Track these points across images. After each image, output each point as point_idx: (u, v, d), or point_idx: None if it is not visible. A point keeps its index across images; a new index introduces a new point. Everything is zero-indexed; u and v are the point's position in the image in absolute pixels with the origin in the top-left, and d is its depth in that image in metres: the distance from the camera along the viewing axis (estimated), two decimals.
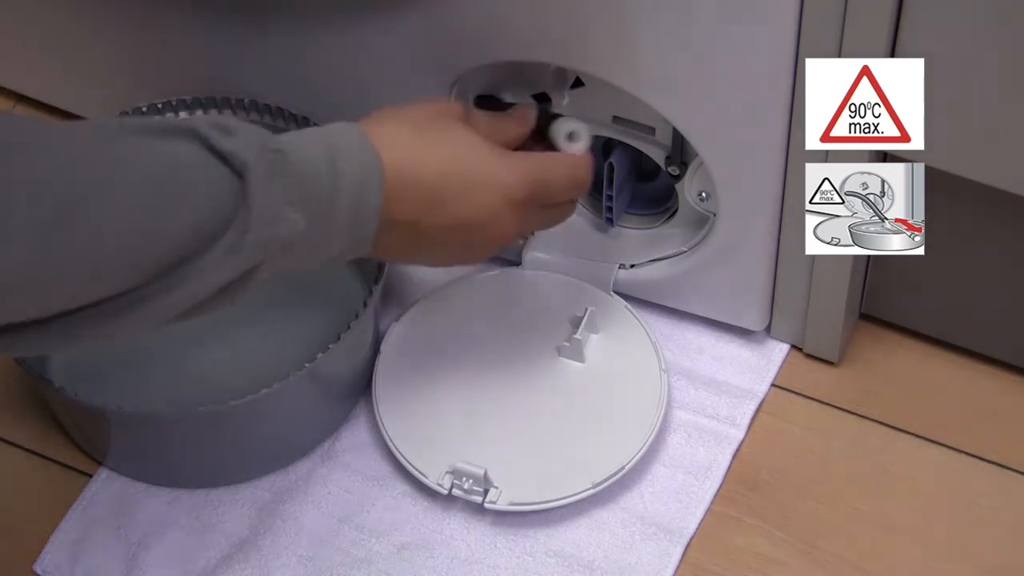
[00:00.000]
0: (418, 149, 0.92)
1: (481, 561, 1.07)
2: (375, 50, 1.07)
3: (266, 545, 1.08)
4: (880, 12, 0.90)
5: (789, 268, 1.09)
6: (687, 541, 1.07)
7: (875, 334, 1.16)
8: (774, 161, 1.01)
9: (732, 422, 1.12)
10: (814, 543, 1.07)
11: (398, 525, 1.09)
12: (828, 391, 1.14)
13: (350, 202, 0.87)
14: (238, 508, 1.10)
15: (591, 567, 1.06)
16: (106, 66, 1.23)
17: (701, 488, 1.09)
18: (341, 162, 0.87)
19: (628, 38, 0.98)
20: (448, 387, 1.12)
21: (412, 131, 0.93)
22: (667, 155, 1.09)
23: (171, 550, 1.09)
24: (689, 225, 1.13)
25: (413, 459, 1.09)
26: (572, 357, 1.13)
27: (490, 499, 1.07)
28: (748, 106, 0.99)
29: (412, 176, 0.91)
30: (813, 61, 0.92)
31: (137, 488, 1.12)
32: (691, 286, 1.14)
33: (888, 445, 1.11)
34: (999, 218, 1.03)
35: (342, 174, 0.87)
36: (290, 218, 0.83)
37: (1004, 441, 1.10)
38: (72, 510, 1.11)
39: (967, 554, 1.06)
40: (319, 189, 0.85)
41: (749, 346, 1.15)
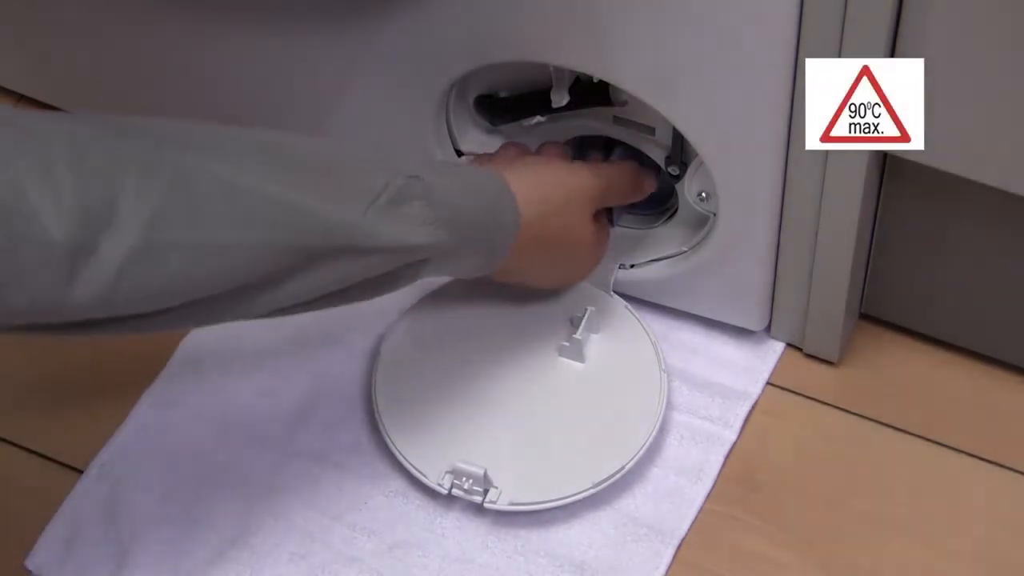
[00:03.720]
0: (546, 216, 1.02)
1: (472, 560, 1.07)
2: (373, 52, 1.07)
3: (257, 543, 1.09)
4: (880, 12, 0.90)
5: (789, 268, 1.09)
6: (678, 542, 1.07)
7: (875, 334, 1.16)
8: (774, 161, 1.01)
9: (726, 423, 1.12)
10: (814, 543, 1.07)
11: (390, 523, 1.09)
12: (828, 391, 1.14)
13: (489, 236, 0.98)
14: (229, 505, 1.10)
15: (582, 567, 1.06)
16: (106, 66, 1.23)
17: (693, 489, 1.09)
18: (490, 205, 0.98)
19: (628, 38, 0.98)
20: (448, 387, 1.12)
21: (540, 197, 1.02)
22: (667, 155, 1.09)
23: (162, 547, 1.09)
24: (689, 225, 1.13)
25: (413, 459, 1.09)
26: (572, 357, 1.13)
27: (490, 499, 1.07)
28: (748, 106, 0.99)
29: (535, 239, 1.01)
30: (813, 61, 0.92)
31: (128, 485, 1.12)
32: (691, 286, 1.14)
33: (888, 445, 1.11)
34: (1000, 218, 1.03)
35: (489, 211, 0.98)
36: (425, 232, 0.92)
37: (1004, 441, 1.10)
38: (64, 507, 1.11)
39: (966, 554, 1.06)
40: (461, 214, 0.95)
41: (744, 347, 1.15)
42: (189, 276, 0.82)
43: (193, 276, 0.82)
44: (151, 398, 1.16)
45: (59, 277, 0.76)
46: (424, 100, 1.09)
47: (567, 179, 1.05)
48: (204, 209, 0.82)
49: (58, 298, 0.77)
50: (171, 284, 0.81)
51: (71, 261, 0.76)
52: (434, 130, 1.11)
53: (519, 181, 1.00)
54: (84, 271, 0.77)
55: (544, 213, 1.02)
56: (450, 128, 1.13)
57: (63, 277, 0.76)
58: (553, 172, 1.05)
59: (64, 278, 0.76)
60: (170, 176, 0.81)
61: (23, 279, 0.75)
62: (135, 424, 1.15)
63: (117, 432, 1.15)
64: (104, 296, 0.78)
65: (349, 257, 0.89)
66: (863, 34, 0.91)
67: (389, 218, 0.90)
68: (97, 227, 0.77)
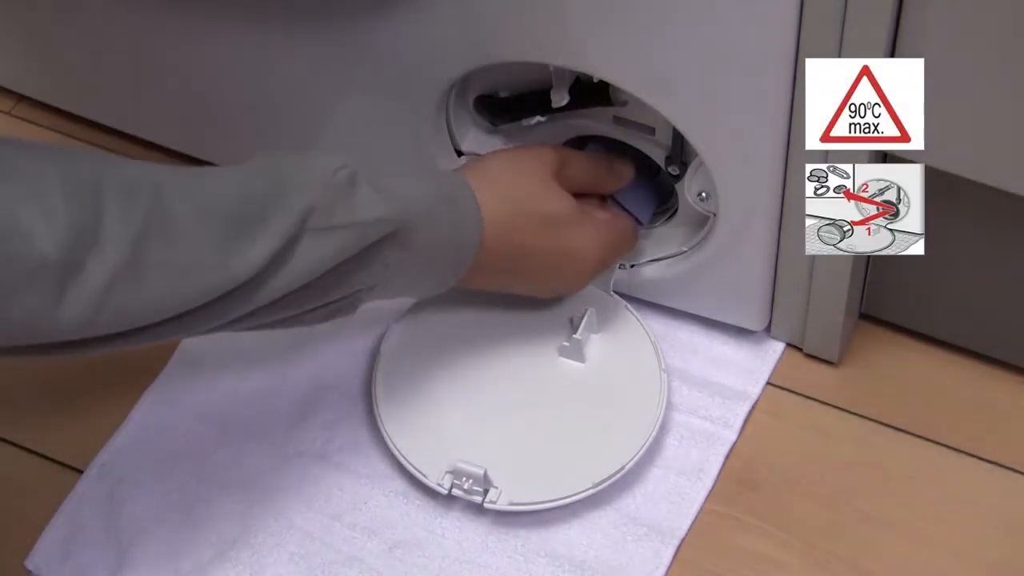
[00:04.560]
0: (516, 223, 1.02)
1: (472, 560, 1.07)
2: (373, 52, 1.07)
3: (257, 543, 1.09)
4: (880, 12, 0.90)
5: (789, 268, 1.09)
6: (678, 542, 1.07)
7: (875, 334, 1.16)
8: (774, 161, 1.01)
9: (725, 423, 1.12)
10: (814, 543, 1.07)
11: (390, 523, 1.09)
12: (828, 391, 1.14)
13: (447, 253, 0.98)
14: (229, 505, 1.10)
15: (582, 567, 1.06)
16: (106, 66, 1.23)
17: (693, 489, 1.09)
18: (449, 216, 0.98)
19: (628, 38, 0.98)
20: (448, 387, 1.12)
21: (512, 204, 1.02)
22: (667, 155, 1.09)
23: (162, 547, 1.09)
24: (689, 225, 1.13)
25: (413, 459, 1.09)
26: (572, 357, 1.13)
27: (490, 499, 1.07)
28: (748, 107, 0.99)
29: (505, 247, 1.02)
30: (813, 61, 0.92)
31: (128, 485, 1.12)
32: (691, 286, 1.14)
33: (888, 445, 1.11)
34: (999, 218, 1.03)
35: (449, 225, 0.98)
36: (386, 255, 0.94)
37: (1004, 441, 1.10)
38: (63, 506, 1.11)
39: (966, 554, 1.06)
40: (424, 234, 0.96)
41: (743, 347, 1.15)
42: (173, 292, 0.85)
43: (178, 292, 0.85)
44: (151, 398, 1.16)
45: (50, 294, 0.80)
46: (424, 100, 1.09)
47: (517, 153, 1.06)
48: (186, 224, 0.85)
49: (49, 314, 0.80)
50: (155, 301, 0.85)
51: (61, 278, 0.80)
52: (434, 130, 1.11)
53: (470, 170, 1.03)
54: (72, 288, 0.81)
55: (500, 180, 1.02)
56: (450, 128, 1.13)
57: (54, 294, 0.80)
58: (500, 155, 1.07)
59: (55, 295, 0.80)
60: (151, 197, 0.84)
61: (18, 294, 0.79)
62: (135, 424, 1.15)
63: (117, 432, 1.15)
64: (90, 314, 0.82)
65: (323, 238, 0.90)
66: (863, 34, 0.91)
67: (350, 196, 0.92)
68: (84, 247, 0.81)
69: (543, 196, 1.04)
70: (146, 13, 1.15)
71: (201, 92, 1.19)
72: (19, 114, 1.34)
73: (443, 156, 1.13)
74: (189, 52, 1.16)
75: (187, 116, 1.24)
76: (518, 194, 1.02)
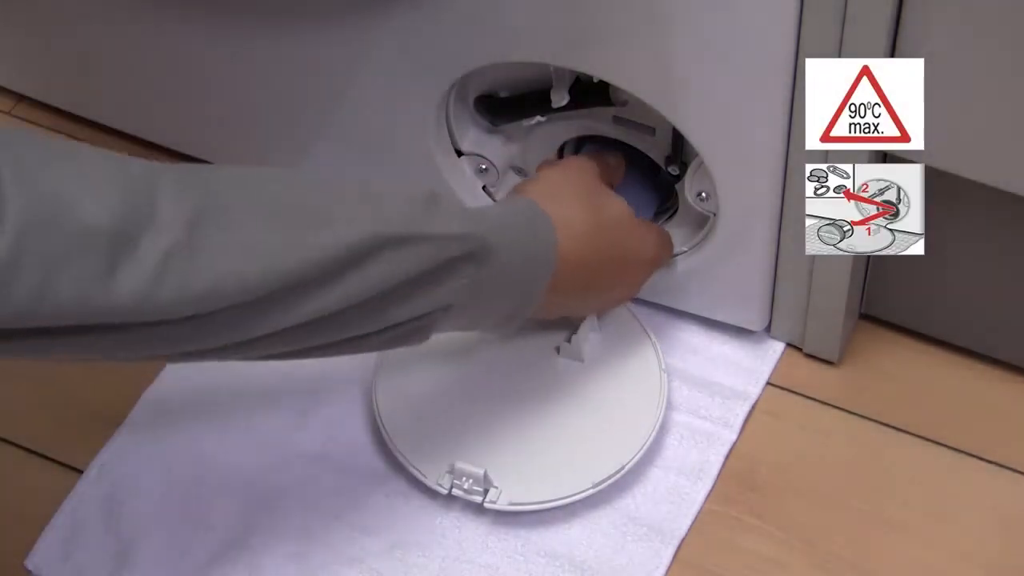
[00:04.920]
0: (589, 236, 1.01)
1: (473, 560, 1.07)
2: (373, 52, 1.07)
3: (257, 543, 1.08)
4: (880, 12, 0.90)
5: (789, 268, 1.09)
6: (678, 542, 1.07)
7: (875, 334, 1.16)
8: (774, 161, 1.01)
9: (725, 423, 1.12)
10: (814, 543, 1.07)
11: (391, 523, 1.09)
12: (828, 391, 1.14)
13: (526, 272, 0.97)
14: (229, 505, 1.10)
15: (582, 567, 1.06)
16: (106, 66, 1.23)
17: (693, 489, 1.09)
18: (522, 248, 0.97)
19: (628, 38, 0.98)
20: (448, 387, 1.12)
21: (585, 217, 1.01)
22: (667, 155, 1.09)
23: (162, 547, 1.09)
24: (689, 225, 1.13)
25: (413, 458, 1.09)
26: (572, 357, 1.13)
27: (490, 499, 1.07)
28: (748, 106, 0.99)
29: (577, 260, 1.00)
30: (813, 61, 0.92)
31: (128, 485, 1.12)
32: (691, 286, 1.14)
33: (888, 445, 1.11)
34: (999, 218, 1.03)
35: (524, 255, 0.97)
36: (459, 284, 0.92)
37: (1004, 441, 1.10)
38: (64, 506, 1.11)
39: (967, 554, 1.06)
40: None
41: (743, 346, 1.15)
42: (234, 271, 0.82)
43: (239, 271, 0.82)
44: (151, 398, 1.16)
45: (101, 265, 0.77)
46: (424, 100, 1.09)
47: (564, 168, 1.06)
48: (243, 212, 0.83)
49: (101, 287, 0.77)
50: (216, 283, 0.81)
51: (112, 249, 0.77)
52: (434, 130, 1.11)
53: (528, 190, 1.02)
54: (126, 263, 0.77)
55: (561, 194, 1.02)
56: (450, 128, 1.13)
57: (105, 265, 0.77)
58: (550, 171, 1.06)
59: (105, 267, 0.77)
60: (203, 189, 0.82)
61: (67, 264, 0.76)
62: (135, 424, 1.15)
63: (117, 432, 1.15)
64: (147, 288, 0.78)
65: (401, 248, 0.88)
66: (863, 34, 0.91)
67: (430, 212, 0.90)
68: (138, 223, 0.78)
69: (604, 204, 1.04)
70: (146, 13, 1.15)
71: (201, 92, 1.19)
72: (19, 114, 1.34)
73: (443, 156, 1.13)
74: (189, 52, 1.16)
75: (187, 116, 1.24)
76: (582, 204, 1.02)
